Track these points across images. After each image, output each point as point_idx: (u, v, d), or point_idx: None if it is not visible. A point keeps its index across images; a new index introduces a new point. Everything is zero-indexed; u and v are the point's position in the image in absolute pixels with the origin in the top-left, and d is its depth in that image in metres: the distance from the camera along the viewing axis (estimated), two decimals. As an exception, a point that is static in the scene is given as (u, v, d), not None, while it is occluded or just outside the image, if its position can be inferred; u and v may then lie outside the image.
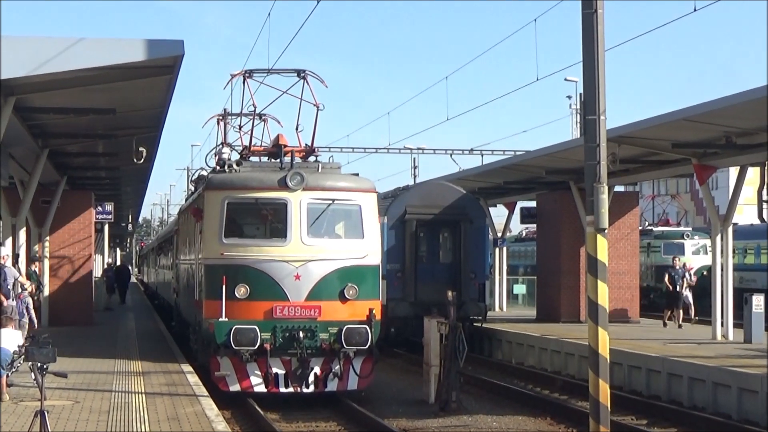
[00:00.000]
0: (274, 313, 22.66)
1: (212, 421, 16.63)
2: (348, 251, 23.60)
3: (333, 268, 23.20)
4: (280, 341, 22.47)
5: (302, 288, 22.88)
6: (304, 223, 23.10)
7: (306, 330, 22.53)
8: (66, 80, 20.19)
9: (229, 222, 23.55)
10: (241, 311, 22.70)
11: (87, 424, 15.95)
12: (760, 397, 21.56)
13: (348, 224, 24.29)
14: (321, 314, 22.91)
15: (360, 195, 24.15)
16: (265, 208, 24.03)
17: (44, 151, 30.05)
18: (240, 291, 22.68)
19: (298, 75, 26.21)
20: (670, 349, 27.57)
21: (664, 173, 39.05)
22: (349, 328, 22.65)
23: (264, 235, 24.39)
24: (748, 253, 52.38)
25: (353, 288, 23.14)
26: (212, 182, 24.44)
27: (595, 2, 16.66)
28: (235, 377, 22.37)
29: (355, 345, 22.67)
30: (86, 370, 22.39)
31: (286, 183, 23.04)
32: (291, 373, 22.56)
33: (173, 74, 21.33)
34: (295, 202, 23.11)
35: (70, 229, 38.53)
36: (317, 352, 22.74)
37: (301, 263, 22.87)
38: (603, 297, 16.46)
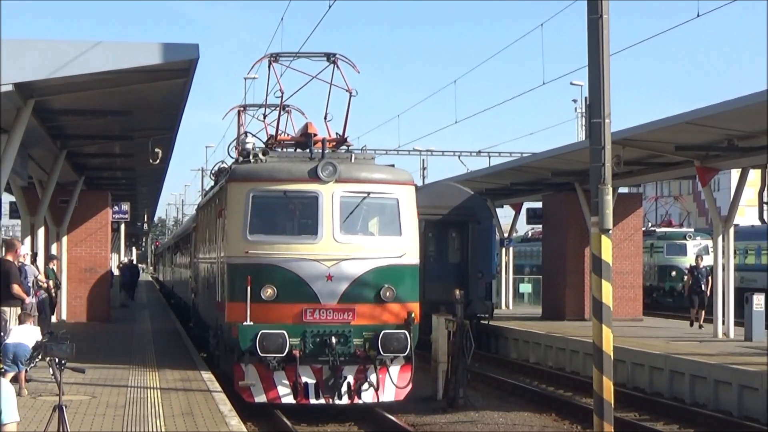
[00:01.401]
0: (304, 316, 20.20)
1: (225, 415, 16.62)
2: (384, 249, 21.02)
3: (368, 268, 20.66)
4: (310, 347, 20.10)
5: (335, 289, 20.36)
6: (337, 218, 20.59)
7: (339, 335, 20.15)
8: (84, 83, 20.21)
9: (254, 217, 20.93)
10: (267, 314, 20.28)
11: (104, 419, 15.97)
12: (760, 394, 21.54)
13: (384, 219, 21.78)
14: (355, 318, 20.42)
15: (397, 188, 21.44)
16: (294, 201, 21.25)
17: (62, 152, 30.13)
18: (266, 292, 20.20)
19: (327, 59, 23.08)
20: (672, 347, 27.54)
21: (667, 175, 39.11)
22: (387, 334, 20.18)
23: (293, 231, 21.55)
24: (749, 254, 52.35)
25: (390, 289, 20.56)
26: (236, 173, 21.83)
27: (601, 8, 16.64)
28: (260, 387, 20.09)
29: (393, 352, 20.28)
30: (103, 366, 22.35)
31: (317, 174, 20.50)
32: (322, 383, 20.13)
33: (188, 77, 21.34)
34: (327, 195, 20.58)
35: (87, 228, 38.60)
36: (351, 360, 20.27)
37: (333, 262, 20.37)
38: (607, 296, 16.44)
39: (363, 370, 20.32)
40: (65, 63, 19.02)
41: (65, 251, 37.44)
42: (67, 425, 9.69)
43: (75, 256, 38.04)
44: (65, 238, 37.73)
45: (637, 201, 42.21)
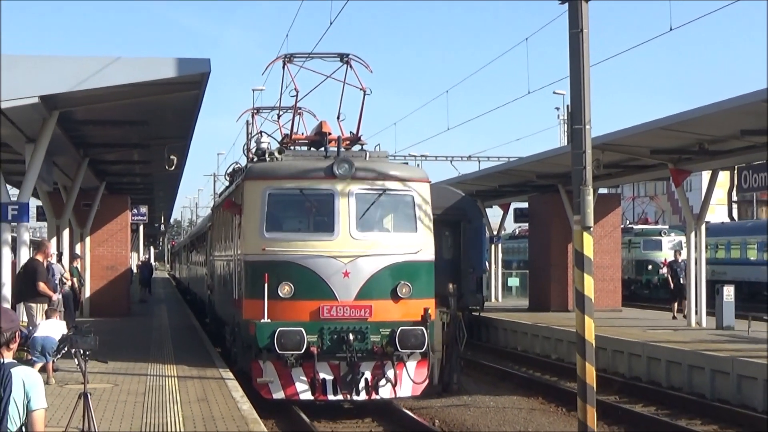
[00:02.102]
0: (321, 313, 18.93)
1: (237, 401, 16.65)
2: (400, 246, 19.68)
3: (384, 265, 19.36)
4: (327, 344, 18.78)
5: (351, 286, 19.11)
6: (353, 215, 19.35)
7: (356, 332, 18.84)
8: (104, 95, 20.20)
9: (271, 214, 19.71)
10: (284, 311, 19.04)
11: (125, 405, 16.00)
12: (731, 377, 21.58)
13: (400, 216, 20.35)
14: (372, 315, 19.13)
15: (412, 184, 20.17)
16: (310, 199, 19.86)
17: (85, 159, 30.11)
18: (284, 290, 18.96)
19: (341, 59, 21.74)
20: (649, 335, 27.56)
21: (643, 177, 39.16)
22: (404, 330, 18.81)
23: (309, 228, 20.35)
24: (719, 249, 52.44)
25: (406, 286, 19.30)
26: (252, 171, 20.58)
27: (581, 23, 16.64)
28: (278, 384, 18.89)
29: (411, 348, 18.94)
30: (124, 357, 22.35)
31: (333, 172, 19.28)
32: (340, 379, 18.93)
33: (201, 89, 21.33)
34: (343, 192, 19.39)
35: (108, 229, 38.60)
36: (368, 356, 19.01)
37: (350, 259, 19.10)
38: (589, 288, 16.44)
39: (380, 366, 19.11)
40: (87, 77, 19.03)
41: (88, 251, 37.44)
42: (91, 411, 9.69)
43: (97, 255, 38.04)
44: (88, 238, 37.72)
45: (616, 201, 42.22)
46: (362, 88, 21.51)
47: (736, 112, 23.56)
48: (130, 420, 14.71)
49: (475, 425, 19.34)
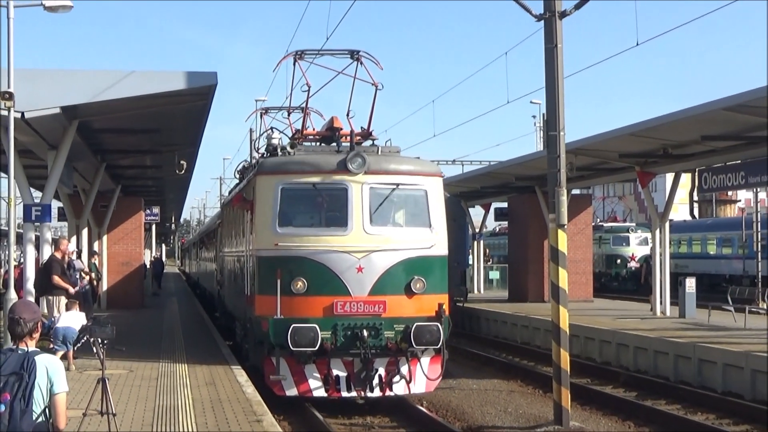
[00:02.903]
0: (335, 309, 17.18)
1: (242, 385, 16.63)
2: (414, 241, 17.91)
3: (398, 260, 17.61)
4: (341, 340, 17.15)
5: (365, 281, 17.33)
6: (366, 209, 17.60)
7: (370, 328, 17.18)
8: (119, 105, 20.21)
9: (283, 209, 17.94)
10: (297, 308, 17.29)
11: (140, 389, 15.99)
12: (693, 362, 21.61)
13: (413, 211, 18.53)
14: (386, 310, 17.37)
15: (426, 179, 18.40)
16: (323, 193, 18.16)
17: (102, 164, 30.12)
18: (296, 285, 17.22)
19: (351, 56, 20.05)
20: (618, 323, 27.59)
21: (612, 179, 39.20)
22: (419, 326, 17.17)
23: (322, 223, 18.39)
24: (681, 244, 52.55)
25: (420, 281, 17.51)
26: (264, 166, 18.68)
27: (555, 39, 16.66)
28: (291, 380, 17.18)
29: (426, 344, 17.31)
30: (139, 345, 22.31)
31: (346, 166, 17.54)
32: (353, 376, 17.23)
33: (208, 100, 21.35)
34: (357, 187, 17.63)
35: (123, 228, 38.55)
36: (382, 352, 17.35)
37: (363, 254, 17.36)
38: (563, 281, 16.50)
39: (394, 362, 17.43)
40: (104, 89, 19.05)
41: (105, 248, 37.39)
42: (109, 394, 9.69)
43: (114, 252, 37.99)
44: (105, 237, 37.68)
45: (588, 200, 42.27)
46: (374, 83, 19.77)
47: (697, 119, 23.61)
48: (144, 402, 14.70)
49: (459, 406, 19.32)
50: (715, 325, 26.65)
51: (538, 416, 17.60)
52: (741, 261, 47.32)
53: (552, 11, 16.68)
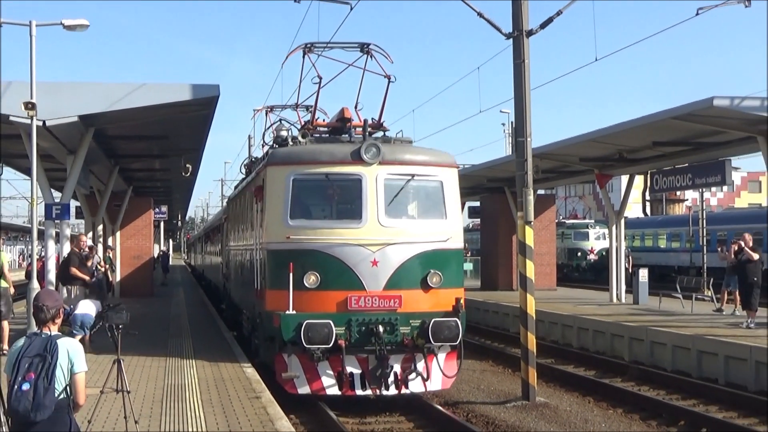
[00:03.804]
0: (349, 304, 14.99)
1: (243, 366, 16.59)
2: (429, 233, 15.62)
3: (414, 253, 15.38)
4: (355, 337, 14.93)
5: (380, 275, 15.14)
6: (381, 201, 15.35)
7: (385, 323, 14.98)
8: (131, 114, 20.15)
9: (295, 201, 15.64)
10: (310, 303, 15.10)
11: (150, 369, 16.00)
12: (645, 343, 21.70)
13: (429, 203, 16.24)
14: (402, 305, 15.20)
15: (441, 170, 16.09)
16: (336, 184, 15.84)
17: (115, 167, 30.06)
18: (309, 279, 15.07)
19: (361, 49, 17.77)
20: (579, 309, 27.67)
21: (573, 180, 39.30)
22: (437, 322, 15.01)
23: (335, 215, 16.01)
24: (635, 239, 52.69)
25: (437, 275, 15.40)
26: (275, 156, 16.29)
27: (523, 54, 16.70)
28: (304, 378, 14.94)
29: (444, 341, 15.12)
30: (149, 329, 22.29)
31: (360, 156, 15.33)
32: (368, 373, 14.98)
33: (211, 109, 21.31)
34: (371, 177, 15.37)
35: (135, 225, 38.48)
36: (398, 349, 15.14)
37: (378, 247, 15.13)
38: (530, 271, 16.55)
39: (409, 359, 15.23)
40: (117, 100, 19.02)
41: (119, 243, 37.35)
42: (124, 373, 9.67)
43: (126, 247, 37.93)
44: (118, 233, 37.64)
45: (551, 200, 42.35)
46: (386, 75, 17.63)
47: (649, 126, 23.70)
48: (155, 381, 14.69)
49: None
50: (666, 311, 26.77)
51: (507, 392, 17.63)
52: (688, 254, 47.50)
53: (520, 30, 16.72)
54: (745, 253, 22.33)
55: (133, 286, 36.73)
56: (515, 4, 16.84)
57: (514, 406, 15.83)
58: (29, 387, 6.96)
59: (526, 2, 16.93)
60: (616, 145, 27.11)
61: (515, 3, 16.85)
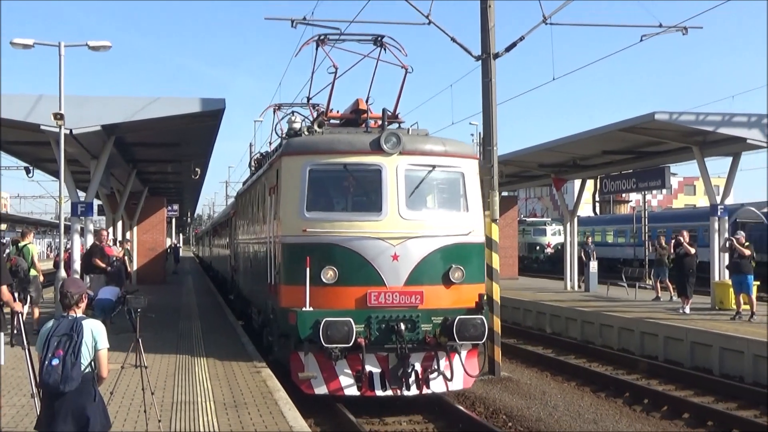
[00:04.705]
0: (369, 300, 12.59)
1: (245, 344, 16.57)
2: (451, 226, 13.23)
3: (435, 247, 12.97)
4: (375, 334, 12.55)
5: (401, 270, 12.72)
6: (402, 193, 12.96)
7: (407, 320, 12.62)
8: (147, 124, 20.06)
9: (312, 192, 13.12)
10: (328, 299, 12.65)
11: (165, 345, 15.94)
12: (595, 326, 21.79)
13: (450, 195, 13.80)
14: (423, 301, 12.78)
15: (463, 161, 13.67)
16: (354, 175, 13.30)
17: (133, 170, 29.91)
18: (327, 275, 12.62)
19: (375, 42, 15.22)
20: (538, 296, 27.75)
21: (533, 183, 39.47)
22: (463, 319, 12.57)
23: (354, 207, 13.41)
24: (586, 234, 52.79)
25: (459, 270, 13.02)
26: (291, 146, 13.72)
27: (490, 74, 16.74)
28: (321, 378, 12.52)
29: (470, 339, 12.67)
30: (163, 312, 22.20)
31: (380, 146, 12.96)
32: (388, 373, 12.59)
33: (218, 120, 21.24)
34: (391, 168, 12.98)
35: (150, 221, 38.35)
36: (419, 347, 12.73)
37: (399, 241, 12.73)
38: (496, 262, 16.59)
39: (430, 357, 12.85)
40: (135, 111, 18.92)
41: (136, 237, 37.18)
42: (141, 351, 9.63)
43: (142, 240, 37.79)
44: (135, 228, 37.47)
45: (514, 200, 42.41)
46: (404, 66, 15.20)
47: (599, 138, 23.83)
48: (168, 358, 14.63)
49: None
50: (612, 298, 26.90)
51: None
52: (632, 248, 47.75)
53: (488, 53, 16.78)
54: (683, 248, 22.45)
55: (149, 274, 36.59)
56: (484, 31, 16.89)
57: (482, 380, 15.85)
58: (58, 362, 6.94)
59: (493, 30, 16.99)
60: (571, 153, 27.24)
61: (484, 30, 16.90)
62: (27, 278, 17.73)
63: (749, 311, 20.11)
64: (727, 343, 16.98)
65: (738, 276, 20.32)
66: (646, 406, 14.37)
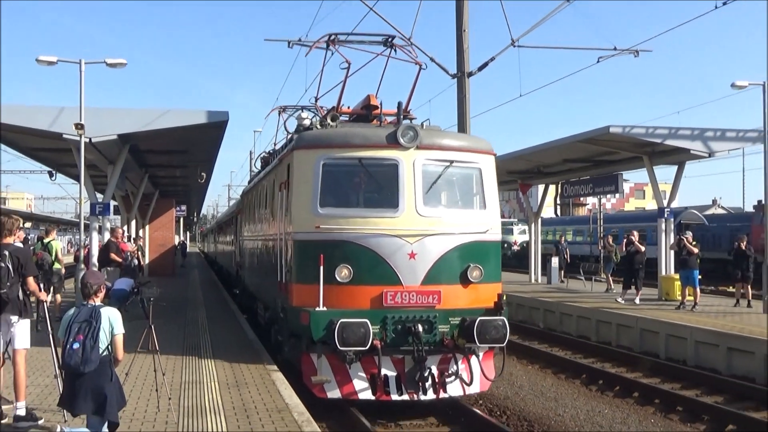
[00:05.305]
0: (384, 300, 10.80)
1: (245, 331, 16.50)
2: (468, 224, 11.45)
3: (453, 245, 11.19)
4: (391, 336, 10.78)
5: (418, 269, 10.93)
6: (420, 188, 11.16)
7: (424, 321, 10.83)
8: (159, 133, 19.96)
9: (325, 187, 11.27)
10: (341, 298, 10.83)
11: (174, 333, 15.85)
12: (556, 314, 21.86)
13: (467, 191, 12.01)
14: (440, 301, 11.01)
15: (480, 156, 11.95)
16: (370, 170, 11.35)
17: (145, 174, 29.76)
18: (342, 273, 10.80)
19: (385, 43, 13.39)
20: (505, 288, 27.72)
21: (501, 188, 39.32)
22: (484, 321, 10.78)
23: (369, 203, 11.42)
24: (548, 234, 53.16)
25: (478, 268, 11.28)
26: (303, 139, 11.77)
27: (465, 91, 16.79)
28: (334, 381, 10.76)
29: (491, 342, 10.90)
30: (173, 301, 22.10)
31: (396, 139, 11.15)
32: (404, 376, 10.83)
33: (222, 130, 21.16)
34: (408, 162, 11.17)
35: (160, 220, 38.20)
36: (436, 349, 10.97)
37: (416, 239, 10.94)
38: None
39: (447, 359, 11.11)
40: (148, 122, 18.83)
41: (148, 234, 37.02)
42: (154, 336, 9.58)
43: (154, 237, 37.63)
44: (147, 226, 37.31)
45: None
46: (418, 63, 13.40)
47: (560, 148, 23.94)
48: (177, 341, 14.57)
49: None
50: (571, 289, 27.00)
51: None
52: (589, 246, 47.97)
53: (462, 72, 16.82)
54: (634, 246, 22.58)
55: (159, 267, 36.41)
56: (459, 53, 16.94)
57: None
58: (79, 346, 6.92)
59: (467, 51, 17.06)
60: (535, 161, 27.35)
61: (459, 52, 16.94)
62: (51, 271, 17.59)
63: (692, 302, 20.26)
64: (672, 330, 17.09)
65: (685, 271, 20.47)
66: (601, 387, 14.44)
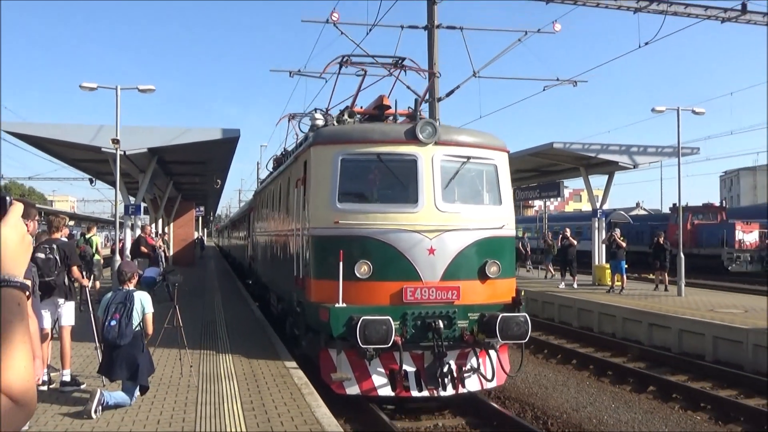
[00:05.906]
0: (404, 296, 9.07)
1: (254, 311, 16.42)
2: (485, 219, 9.73)
3: (471, 240, 9.47)
4: (411, 332, 9.06)
5: (437, 265, 9.20)
6: (438, 184, 9.44)
7: (443, 317, 9.15)
8: (182, 147, 19.85)
9: (344, 183, 9.52)
10: (361, 294, 9.11)
11: (194, 312, 15.74)
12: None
13: (484, 187, 10.21)
14: (459, 297, 9.28)
15: (496, 153, 10.21)
16: (389, 165, 9.51)
17: (170, 181, 29.56)
18: (361, 269, 9.07)
19: (395, 65, 12.04)
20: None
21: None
22: (506, 317, 9.12)
23: (388, 198, 9.55)
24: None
25: (495, 264, 9.58)
26: (321, 135, 9.99)
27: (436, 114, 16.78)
28: (353, 378, 9.09)
29: (513, 338, 9.14)
30: (193, 286, 21.95)
31: (415, 135, 9.43)
32: (424, 372, 9.15)
33: (234, 145, 21.09)
34: (427, 158, 9.46)
35: (183, 219, 37.99)
36: (455, 344, 9.31)
37: (435, 234, 9.22)
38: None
39: (464, 355, 9.50)
40: (173, 138, 18.74)
41: (172, 231, 36.79)
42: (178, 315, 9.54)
43: (177, 233, 37.41)
44: (172, 224, 37.07)
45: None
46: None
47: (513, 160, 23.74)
48: (197, 319, 14.51)
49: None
50: (521, 276, 27.07)
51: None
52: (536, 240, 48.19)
53: (433, 98, 16.84)
54: (567, 240, 22.74)
55: (181, 258, 36.16)
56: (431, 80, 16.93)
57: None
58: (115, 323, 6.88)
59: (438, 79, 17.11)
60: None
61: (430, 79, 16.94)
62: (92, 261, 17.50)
63: (620, 287, 20.44)
64: (604, 309, 17.22)
65: (615, 261, 20.68)
66: (546, 355, 14.54)
